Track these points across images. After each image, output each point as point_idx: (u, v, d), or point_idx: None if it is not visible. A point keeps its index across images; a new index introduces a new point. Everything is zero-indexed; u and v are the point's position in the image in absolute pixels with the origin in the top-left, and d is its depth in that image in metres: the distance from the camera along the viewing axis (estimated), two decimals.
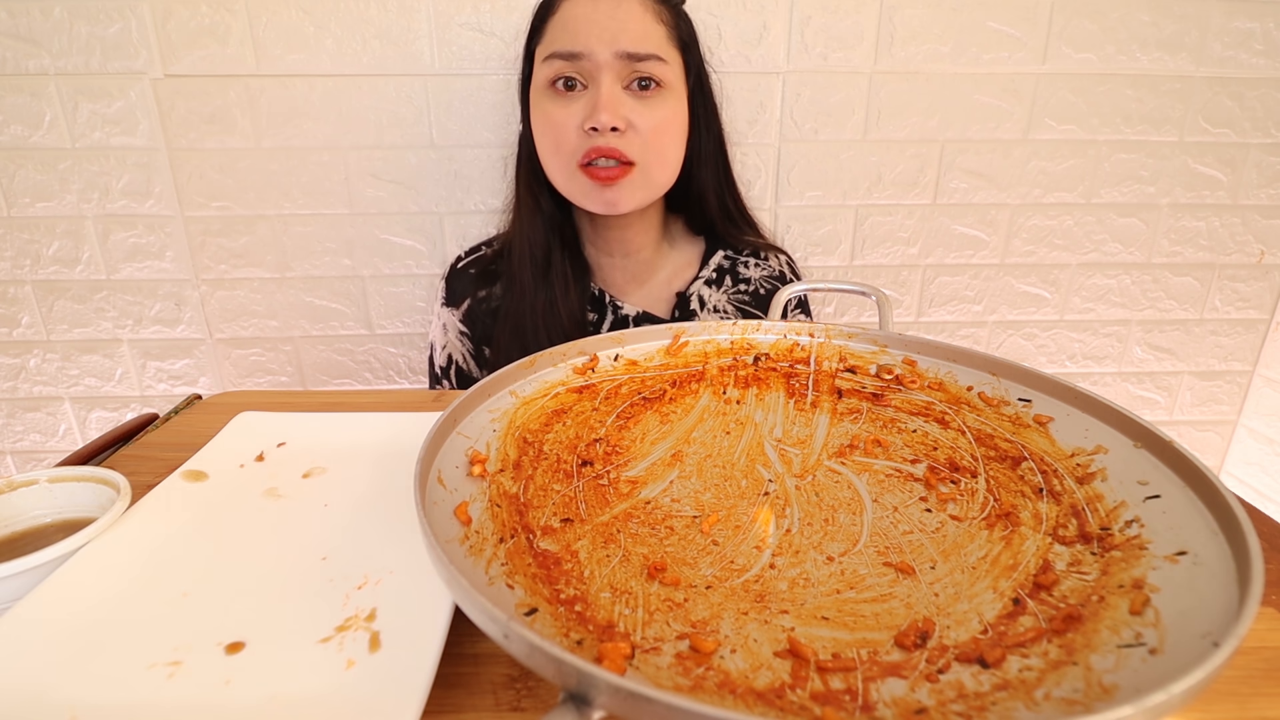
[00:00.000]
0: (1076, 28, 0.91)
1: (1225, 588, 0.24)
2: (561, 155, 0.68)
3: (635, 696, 0.18)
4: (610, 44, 0.64)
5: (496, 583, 0.27)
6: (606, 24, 0.65)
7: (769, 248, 0.82)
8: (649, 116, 0.67)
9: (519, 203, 0.76)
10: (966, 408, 0.42)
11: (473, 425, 0.36)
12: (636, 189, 0.69)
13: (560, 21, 0.66)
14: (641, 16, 0.66)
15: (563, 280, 0.73)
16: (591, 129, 0.65)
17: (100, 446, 0.51)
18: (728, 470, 0.41)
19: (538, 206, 0.74)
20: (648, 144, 0.67)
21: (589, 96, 0.66)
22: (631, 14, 0.65)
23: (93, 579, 0.34)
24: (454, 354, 0.79)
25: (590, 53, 0.64)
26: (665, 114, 0.68)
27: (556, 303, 0.72)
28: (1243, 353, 1.09)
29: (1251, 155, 0.98)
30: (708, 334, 0.49)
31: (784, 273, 0.81)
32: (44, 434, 1.04)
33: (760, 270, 0.80)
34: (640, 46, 0.65)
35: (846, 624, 0.29)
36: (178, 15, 0.84)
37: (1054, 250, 1.02)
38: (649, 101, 0.67)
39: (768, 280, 0.80)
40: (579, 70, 0.66)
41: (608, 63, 0.65)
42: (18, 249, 0.94)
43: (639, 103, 0.67)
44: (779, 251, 0.83)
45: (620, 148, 0.66)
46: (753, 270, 0.80)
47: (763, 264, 0.80)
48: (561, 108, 0.67)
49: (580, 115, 0.66)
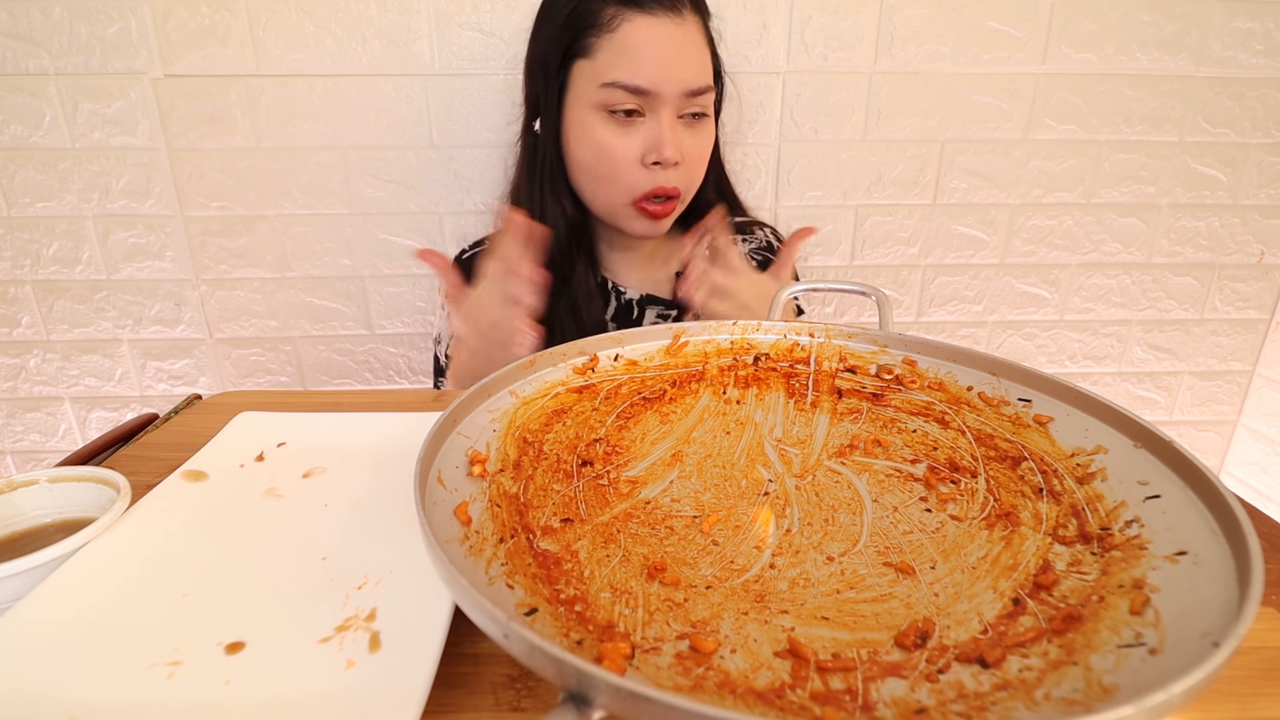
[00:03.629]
0: (1076, 28, 0.91)
1: (1225, 588, 0.24)
2: (615, 184, 0.68)
3: (635, 696, 0.18)
4: (679, 83, 0.64)
5: (496, 583, 0.27)
6: (675, 58, 0.64)
7: (752, 223, 0.84)
8: (696, 146, 0.69)
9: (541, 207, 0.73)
10: (966, 408, 0.42)
11: (473, 425, 0.36)
12: (673, 217, 0.72)
13: (622, 46, 0.63)
14: (700, 47, 0.66)
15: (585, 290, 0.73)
16: (655, 163, 0.66)
17: (100, 446, 0.51)
18: (728, 470, 0.41)
19: (563, 211, 0.72)
20: (693, 171, 0.70)
21: (648, 129, 0.66)
22: (693, 43, 0.65)
23: (93, 579, 0.34)
24: None
25: (659, 91, 0.64)
26: (707, 140, 0.71)
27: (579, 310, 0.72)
28: (1243, 353, 1.09)
29: (1251, 155, 0.98)
30: (708, 334, 0.49)
31: (771, 243, 0.84)
32: (44, 434, 1.04)
33: (748, 245, 0.82)
34: (701, 80, 0.66)
35: (846, 624, 0.29)
36: (178, 15, 0.85)
37: (1054, 250, 1.02)
38: (697, 131, 0.69)
39: (757, 253, 0.82)
40: (641, 102, 0.65)
41: (672, 99, 0.65)
42: (18, 249, 0.94)
43: (690, 134, 0.68)
44: (761, 225, 0.85)
45: (677, 184, 0.68)
46: (742, 246, 0.82)
47: (750, 238, 0.83)
48: (620, 138, 0.66)
49: (639, 148, 0.66)
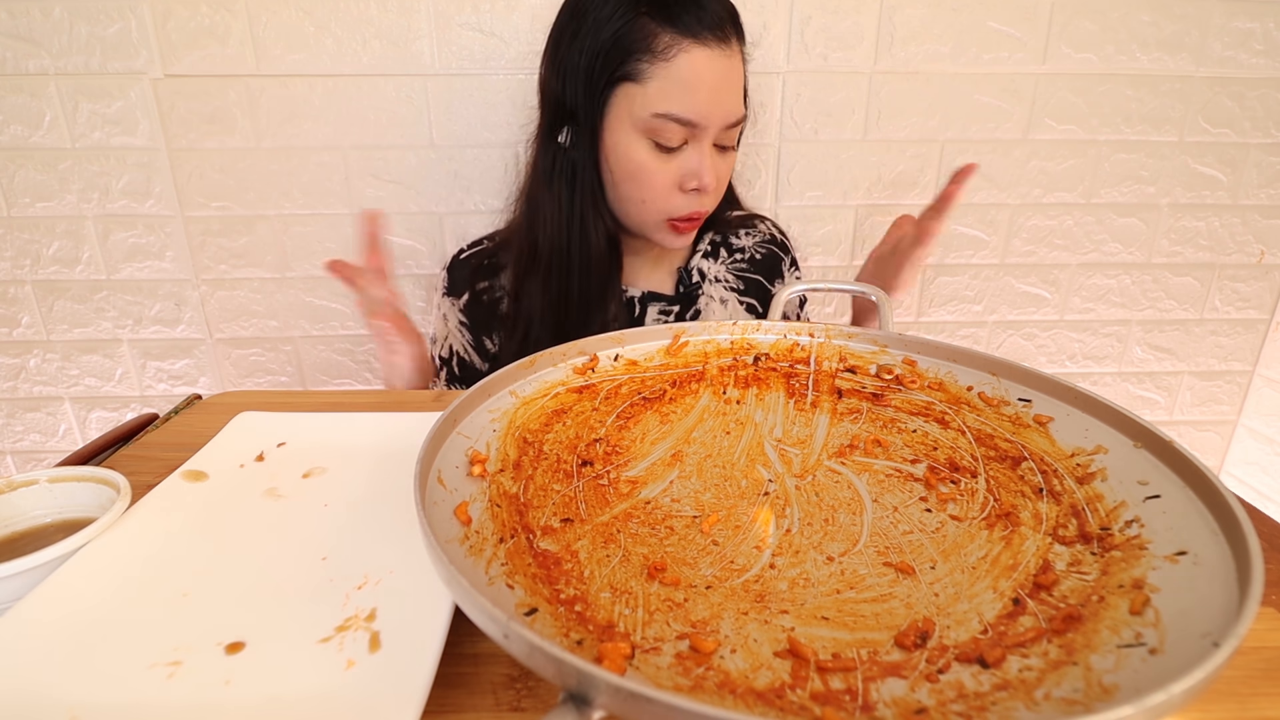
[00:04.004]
0: (1076, 28, 0.91)
1: (1225, 588, 0.24)
2: (651, 206, 0.70)
3: (635, 696, 0.18)
4: (724, 116, 0.66)
5: (496, 583, 0.27)
6: (725, 92, 0.65)
7: (751, 216, 0.86)
8: (726, 170, 0.71)
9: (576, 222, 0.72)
10: (966, 408, 0.42)
11: (473, 425, 0.36)
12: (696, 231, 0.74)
13: (676, 76, 0.63)
14: (741, 78, 0.68)
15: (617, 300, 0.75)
16: (693, 189, 0.68)
17: (100, 446, 0.51)
18: (728, 470, 0.41)
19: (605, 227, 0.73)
20: (720, 194, 0.73)
21: (688, 157, 0.67)
22: (737, 75, 0.67)
23: (93, 579, 0.34)
24: (455, 345, 0.79)
25: (707, 124, 0.65)
26: (733, 164, 0.73)
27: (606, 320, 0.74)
28: (1243, 353, 1.09)
29: (1251, 155, 0.98)
30: (708, 334, 0.49)
31: (773, 234, 0.85)
32: (44, 434, 1.04)
33: (751, 238, 0.83)
34: (740, 111, 0.68)
35: (846, 624, 0.29)
36: (178, 15, 0.84)
37: (1054, 250, 1.02)
38: (726, 156, 0.71)
39: (760, 246, 0.83)
40: (687, 133, 0.66)
41: (715, 131, 0.67)
42: (18, 249, 0.94)
43: (721, 158, 0.70)
44: (760, 218, 0.86)
45: (709, 207, 0.71)
46: (744, 239, 0.83)
47: (752, 231, 0.84)
48: (661, 163, 0.68)
49: (677, 174, 0.68)
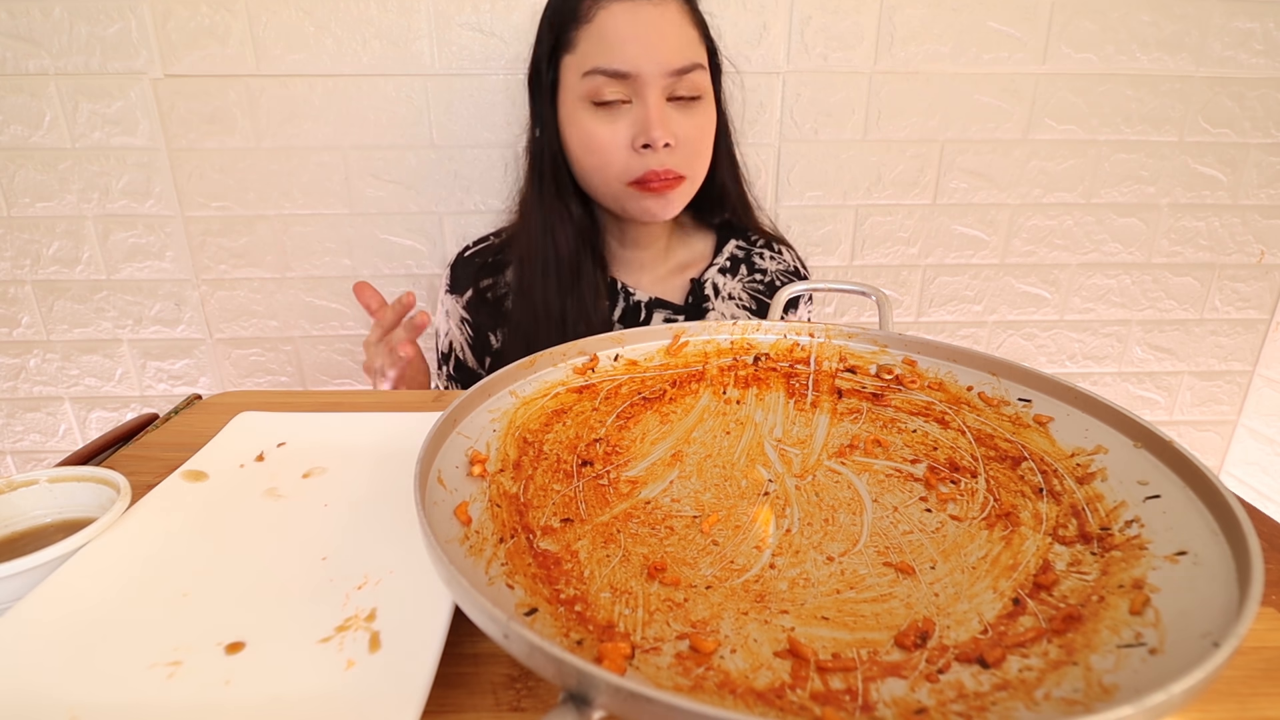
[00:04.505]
0: (1076, 28, 0.91)
1: (1225, 588, 0.24)
2: (608, 171, 0.67)
3: (635, 696, 0.18)
4: (659, 63, 0.63)
5: (496, 583, 0.27)
6: (654, 40, 0.63)
7: (777, 239, 0.84)
8: (692, 128, 0.67)
9: (542, 207, 0.72)
10: (966, 408, 0.42)
11: (473, 425, 0.36)
12: (683, 197, 0.70)
13: (598, 33, 0.64)
14: (681, 25, 0.65)
15: (579, 274, 0.72)
16: (644, 146, 0.65)
17: (100, 446, 0.51)
18: (728, 470, 0.41)
19: (568, 214, 0.72)
20: (692, 154, 0.68)
21: (635, 113, 0.65)
22: (673, 23, 0.64)
23: (93, 579, 0.34)
24: (455, 341, 0.79)
25: (639, 72, 0.63)
26: (704, 121, 0.69)
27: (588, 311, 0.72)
28: (1243, 353, 1.09)
29: (1251, 155, 0.98)
30: (708, 334, 0.49)
31: (797, 268, 0.83)
32: (44, 434, 1.04)
33: (775, 264, 0.81)
34: (685, 59, 0.65)
35: (846, 624, 0.29)
36: (178, 15, 0.84)
37: (1054, 250, 1.02)
38: (691, 112, 0.67)
39: (783, 275, 0.81)
40: (625, 88, 0.64)
41: (655, 80, 0.64)
42: (18, 249, 0.94)
43: (683, 115, 0.67)
44: (786, 244, 0.84)
45: (673, 165, 0.66)
46: (769, 263, 0.81)
47: (777, 257, 0.82)
48: (606, 125, 0.65)
49: (627, 133, 0.65)
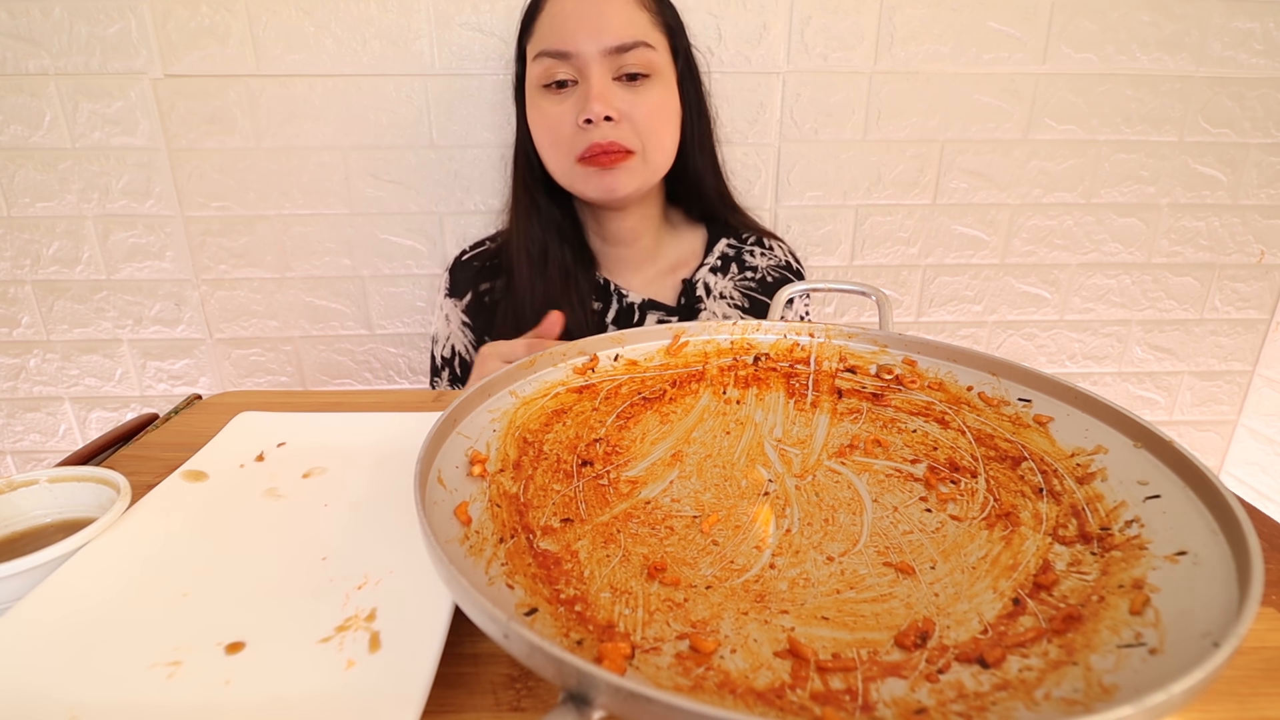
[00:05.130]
0: (1076, 28, 0.91)
1: (1225, 588, 0.24)
2: (559, 149, 0.70)
3: (635, 696, 0.18)
4: (597, 40, 0.66)
5: (496, 583, 0.27)
6: (593, 20, 0.66)
7: (768, 235, 0.84)
8: (641, 105, 0.68)
9: (515, 202, 0.77)
10: (966, 408, 0.42)
11: (473, 425, 0.36)
12: (635, 174, 0.70)
13: (548, 19, 0.68)
14: (624, 6, 0.67)
15: (561, 272, 0.74)
16: (586, 121, 0.66)
17: (100, 446, 0.51)
18: (728, 470, 0.41)
19: (535, 204, 0.75)
20: (643, 131, 0.69)
21: (580, 91, 0.67)
22: (614, 5, 0.67)
23: (93, 579, 0.34)
24: (456, 345, 0.80)
25: (579, 51, 0.66)
26: (656, 100, 0.70)
27: (555, 297, 0.73)
28: (1243, 353, 1.09)
29: (1251, 155, 0.98)
30: (708, 334, 0.49)
31: (789, 261, 0.83)
32: (44, 434, 1.04)
33: (766, 259, 0.82)
34: (625, 37, 0.66)
35: (846, 624, 0.29)
36: (178, 15, 0.84)
37: (1054, 250, 1.02)
38: (639, 90, 0.69)
39: (774, 270, 0.81)
40: (570, 68, 0.67)
41: (596, 58, 0.66)
42: (18, 249, 0.94)
43: (630, 93, 0.68)
44: (777, 239, 0.85)
45: (616, 139, 0.67)
46: (759, 259, 0.81)
47: (768, 253, 0.82)
48: (555, 104, 0.68)
49: (574, 111, 0.67)
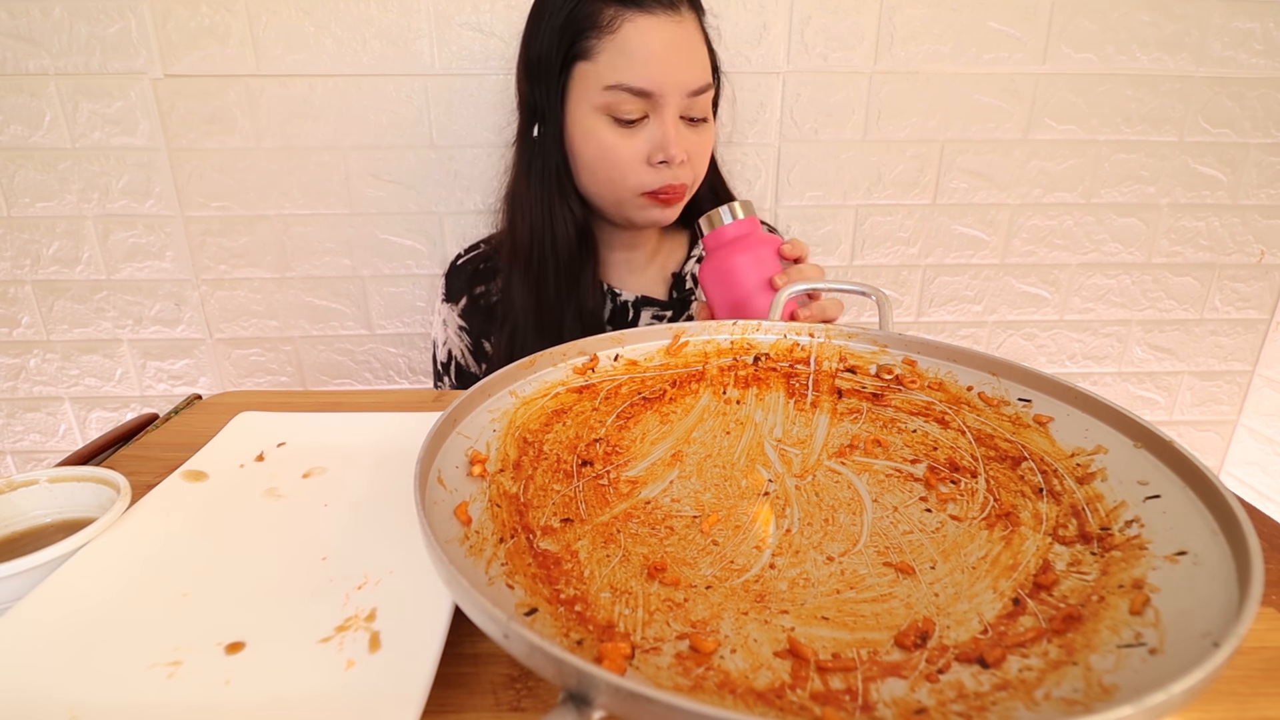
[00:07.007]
0: (1076, 28, 0.91)
1: (1225, 588, 0.24)
2: (620, 182, 0.69)
3: (635, 696, 0.18)
4: (682, 86, 0.65)
5: (496, 583, 0.27)
6: (677, 60, 0.64)
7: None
8: (702, 146, 0.70)
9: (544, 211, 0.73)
10: (966, 408, 0.42)
11: (473, 425, 0.36)
12: (681, 205, 0.73)
13: (622, 47, 0.63)
14: (699, 45, 0.67)
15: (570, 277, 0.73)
16: (661, 162, 0.67)
17: (100, 446, 0.51)
18: (728, 470, 0.41)
19: (572, 214, 0.73)
20: (697, 169, 0.71)
21: (651, 130, 0.66)
22: (692, 42, 0.66)
23: (93, 579, 0.34)
24: (453, 350, 0.80)
25: (661, 92, 0.64)
26: (709, 139, 0.71)
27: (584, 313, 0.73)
28: (1243, 353, 1.09)
29: (1251, 155, 0.98)
30: (708, 334, 0.49)
31: None
32: (44, 434, 1.04)
33: None
34: (702, 80, 0.66)
35: (846, 624, 0.29)
36: (178, 15, 0.84)
37: (1054, 250, 1.02)
38: (701, 132, 0.70)
39: None
40: (646, 105, 0.65)
41: (674, 100, 0.65)
42: (18, 249, 0.94)
43: (694, 134, 0.69)
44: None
45: (683, 180, 0.69)
46: None
47: None
48: (623, 139, 0.66)
49: (644, 148, 0.67)
